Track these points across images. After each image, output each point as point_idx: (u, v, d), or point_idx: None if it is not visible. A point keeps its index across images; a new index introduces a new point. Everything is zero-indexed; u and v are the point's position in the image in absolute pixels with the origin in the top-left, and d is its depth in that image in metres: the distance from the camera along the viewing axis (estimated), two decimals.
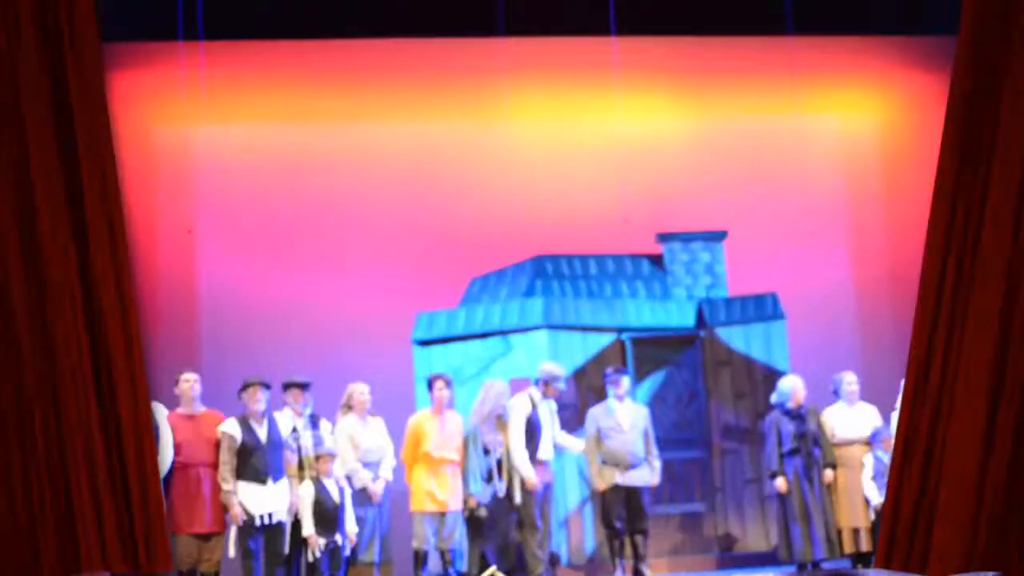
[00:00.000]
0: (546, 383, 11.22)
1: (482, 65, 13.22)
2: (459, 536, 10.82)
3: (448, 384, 11.00)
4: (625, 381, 11.47)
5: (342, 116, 13.36)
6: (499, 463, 10.94)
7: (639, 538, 11.35)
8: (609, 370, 11.61)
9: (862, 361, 12.91)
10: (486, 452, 10.93)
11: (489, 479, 10.93)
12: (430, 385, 10.94)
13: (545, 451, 11.12)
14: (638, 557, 11.33)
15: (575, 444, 11.40)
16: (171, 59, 12.67)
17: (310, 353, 12.68)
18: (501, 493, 10.92)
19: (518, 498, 10.94)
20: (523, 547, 11.03)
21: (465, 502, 10.89)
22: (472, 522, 10.94)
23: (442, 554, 10.79)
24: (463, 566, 10.90)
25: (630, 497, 11.29)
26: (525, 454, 10.97)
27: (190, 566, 9.95)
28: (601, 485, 11.27)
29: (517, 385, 11.57)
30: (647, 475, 11.36)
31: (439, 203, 13.37)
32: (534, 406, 11.15)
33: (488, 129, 13.34)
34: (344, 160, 13.22)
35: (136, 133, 13.10)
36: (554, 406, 11.36)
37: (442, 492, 10.71)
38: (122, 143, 13.05)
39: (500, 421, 10.98)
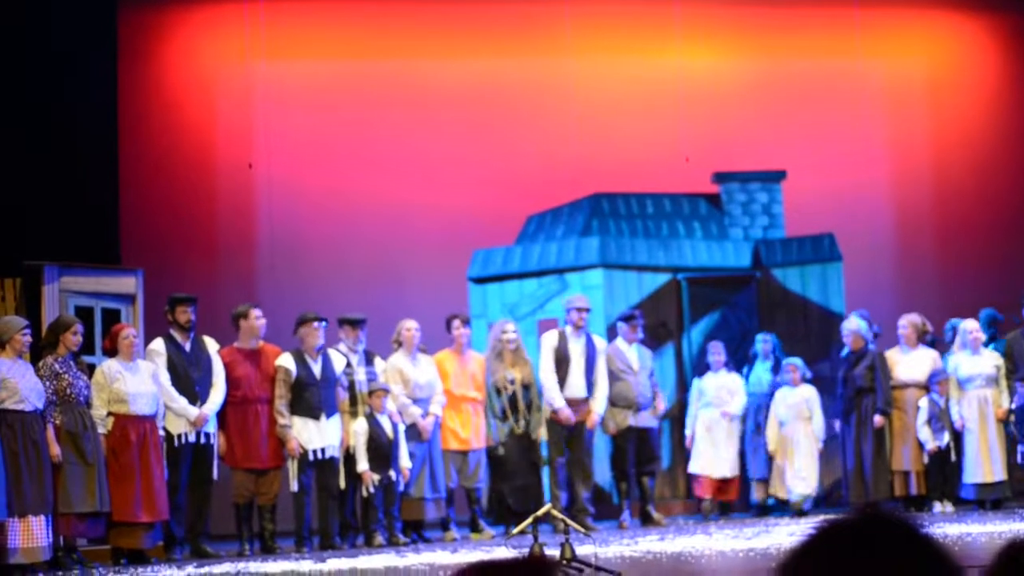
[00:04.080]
0: (568, 312, 10.99)
1: (543, 1, 13.17)
2: (483, 475, 10.83)
3: (466, 323, 10.94)
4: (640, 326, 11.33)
5: (401, 52, 13.36)
6: (512, 399, 10.85)
7: (647, 480, 11.20)
8: (630, 312, 11.36)
9: (908, 304, 12.87)
10: (498, 392, 10.87)
11: (504, 418, 10.81)
12: (448, 324, 10.90)
13: (575, 387, 10.89)
14: (646, 499, 11.19)
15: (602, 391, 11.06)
16: None
17: (366, 289, 12.76)
18: (517, 431, 10.76)
19: (543, 434, 10.80)
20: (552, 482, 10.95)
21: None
22: (491, 462, 10.89)
23: (468, 492, 10.75)
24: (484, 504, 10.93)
25: (641, 438, 11.17)
26: (554, 382, 10.77)
27: (247, 500, 10.03)
28: (614, 428, 11.11)
29: (547, 326, 11.54)
30: (654, 415, 11.31)
31: (497, 140, 13.37)
32: (563, 340, 10.98)
33: (548, 66, 13.30)
34: (402, 96, 13.22)
35: (197, 68, 13.17)
36: (601, 345, 11.12)
37: (464, 431, 10.65)
38: (183, 78, 13.18)
39: (512, 358, 10.88)
